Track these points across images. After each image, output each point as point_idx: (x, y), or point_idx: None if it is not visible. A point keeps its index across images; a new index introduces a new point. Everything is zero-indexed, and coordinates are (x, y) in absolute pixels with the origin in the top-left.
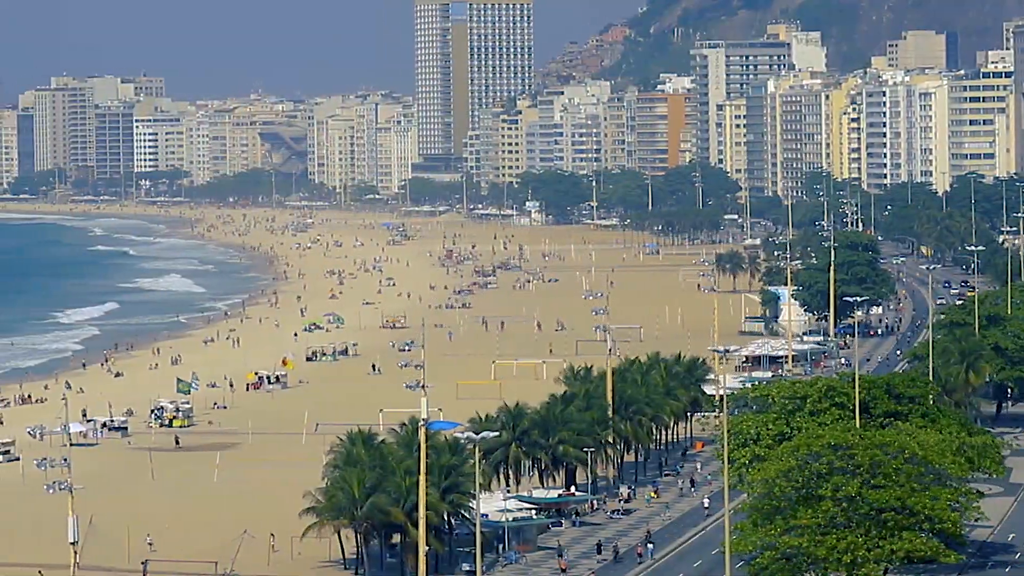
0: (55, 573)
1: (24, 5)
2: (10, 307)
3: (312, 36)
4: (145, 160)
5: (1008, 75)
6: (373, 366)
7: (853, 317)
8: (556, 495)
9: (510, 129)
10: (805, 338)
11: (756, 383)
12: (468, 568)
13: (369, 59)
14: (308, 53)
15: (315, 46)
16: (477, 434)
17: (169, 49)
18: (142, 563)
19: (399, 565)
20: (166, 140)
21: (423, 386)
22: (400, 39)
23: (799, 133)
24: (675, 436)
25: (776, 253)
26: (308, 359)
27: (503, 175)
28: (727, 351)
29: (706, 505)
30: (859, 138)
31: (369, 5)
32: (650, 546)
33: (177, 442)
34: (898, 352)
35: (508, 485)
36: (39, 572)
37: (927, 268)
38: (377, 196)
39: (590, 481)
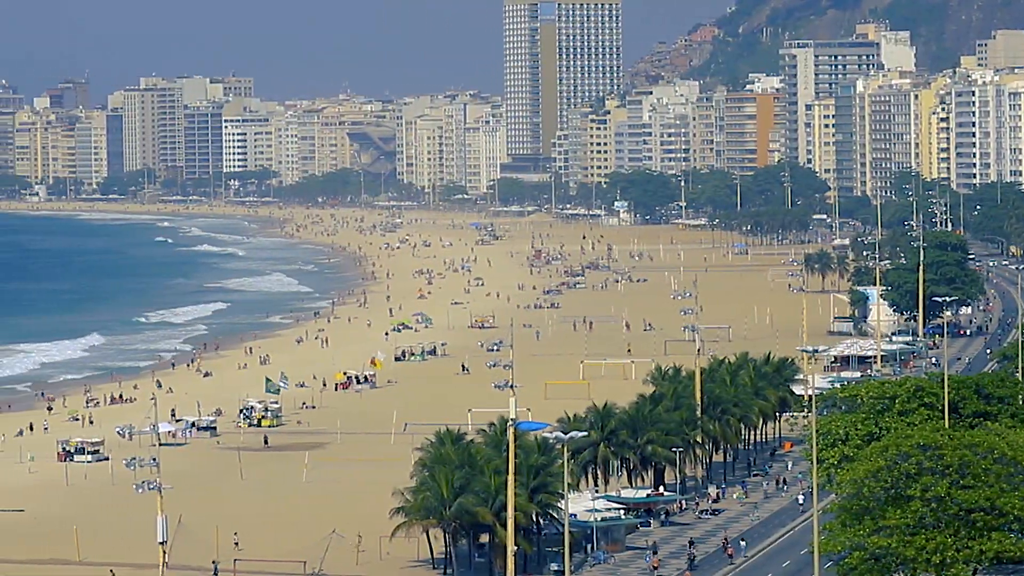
0: (144, 573)
1: (113, 6)
2: (114, 306)
3: (401, 36)
4: (234, 160)
5: None
6: (462, 366)
7: (942, 317)
8: (644, 495)
9: (599, 129)
10: (894, 338)
11: (845, 383)
12: (556, 568)
13: (458, 59)
14: (397, 53)
15: (404, 46)
16: (565, 434)
17: (258, 49)
18: (212, 562)
19: (487, 565)
20: (255, 140)
21: (512, 386)
22: (489, 39)
23: (888, 133)
24: (763, 436)
25: (865, 253)
26: (397, 359)
27: (591, 175)
28: (816, 351)
29: (800, 501)
30: (948, 138)
31: (458, 5)
32: (743, 543)
33: (266, 442)
34: (987, 352)
35: (596, 485)
36: (111, 571)
37: (1016, 268)
38: (466, 196)
39: (678, 481)
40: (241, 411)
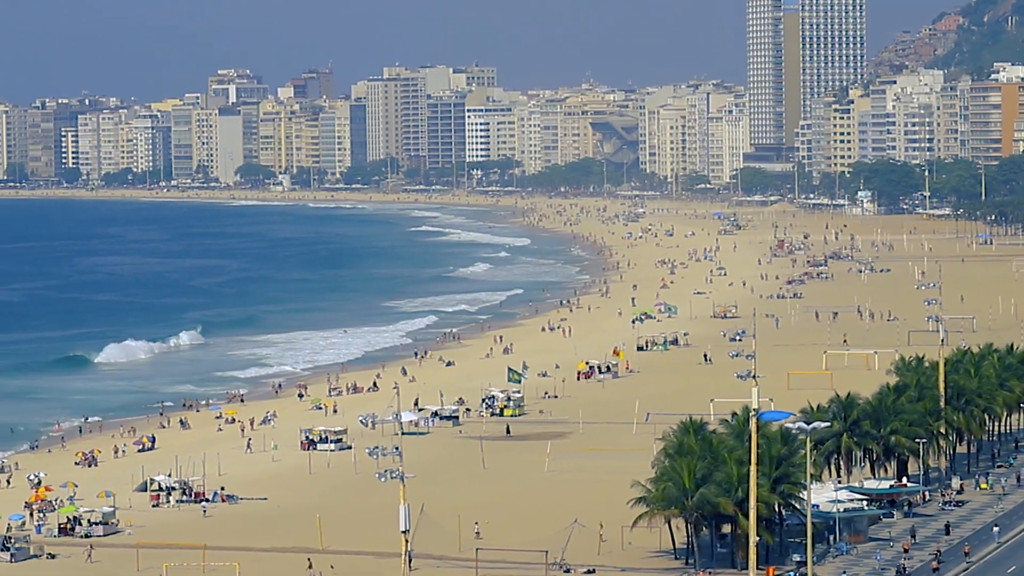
0: (387, 561)
1: None
2: (360, 295)
3: (644, 26)
4: (477, 150)
5: None
6: (704, 356)
7: None
8: (887, 486)
9: (842, 119)
10: None
11: None
12: (798, 559)
13: (701, 48)
14: (640, 42)
15: (646, 35)
16: (808, 424)
17: (502, 39)
18: (408, 549)
19: (729, 556)
20: (498, 130)
21: (754, 376)
22: (732, 28)
23: None
24: (1008, 427)
25: None
26: (639, 348)
27: (835, 165)
28: None
29: None
30: None
31: None
32: (995, 529)
33: (508, 431)
34: None
35: (839, 475)
36: (308, 559)
37: None
38: (708, 186)
39: (922, 472)
40: (484, 400)
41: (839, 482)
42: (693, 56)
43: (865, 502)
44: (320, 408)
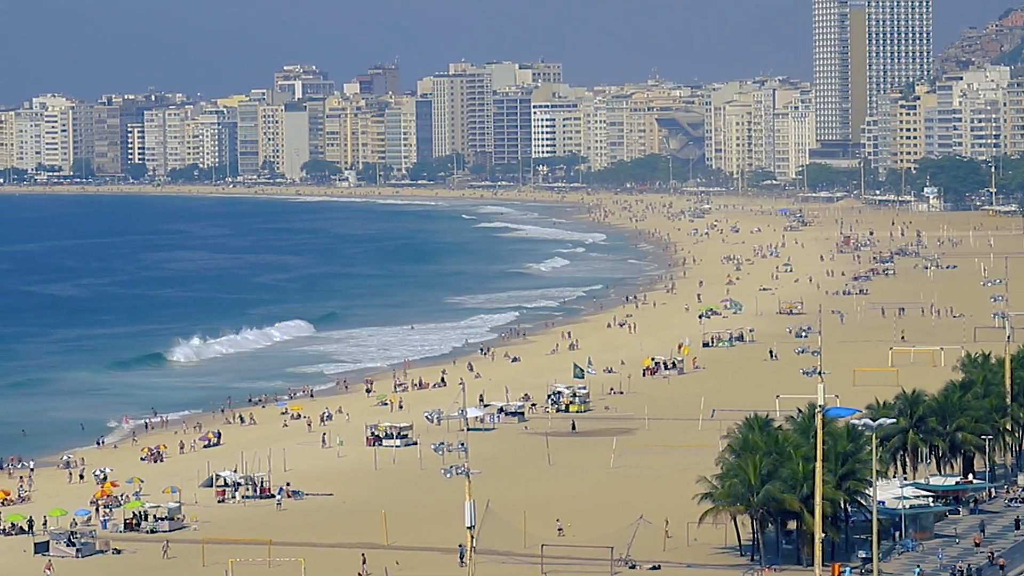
0: (451, 557)
1: None
2: (425, 291)
3: (710, 22)
4: (542, 146)
5: None
6: (770, 352)
7: None
8: (953, 482)
9: (908, 115)
10: None
11: None
12: (864, 555)
13: (766, 44)
14: (706, 39)
15: (712, 32)
16: (874, 421)
17: (567, 34)
18: (459, 546)
19: (794, 552)
20: (563, 126)
21: (820, 372)
22: (797, 24)
23: None
24: None
25: None
26: (705, 345)
27: (901, 161)
28: None
29: None
30: None
31: None
32: None
33: (574, 427)
34: None
35: (905, 472)
36: (362, 554)
37: None
38: (774, 182)
39: (988, 469)
40: (549, 396)
41: (905, 479)
42: (759, 52)
43: (931, 499)
44: (386, 404)
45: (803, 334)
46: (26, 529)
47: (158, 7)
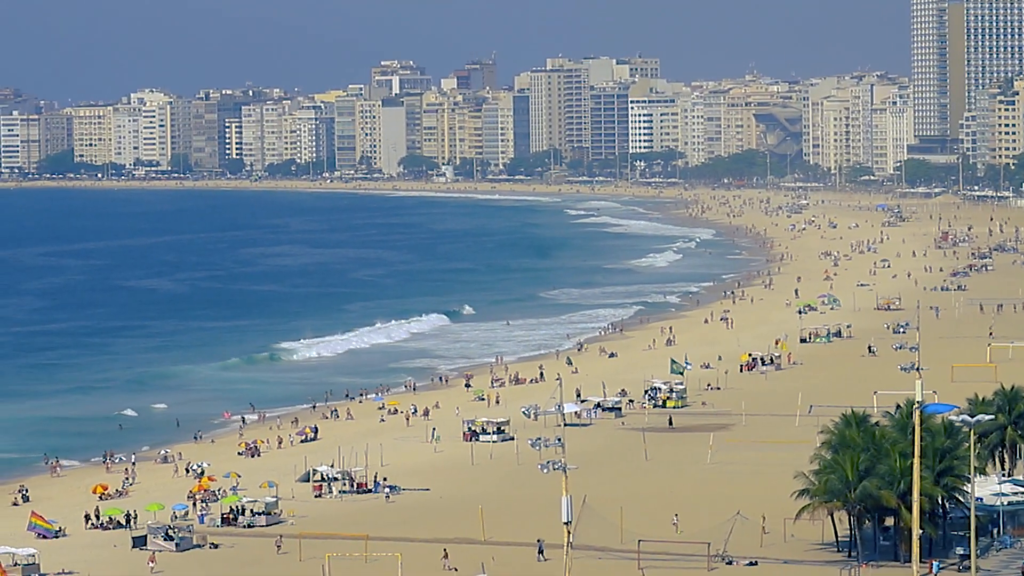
0: (547, 552)
1: None
2: (521, 288)
3: (807, 17)
4: (640, 141)
5: None
6: (868, 347)
7: None
8: None
9: (1007, 110)
10: None
11: None
12: (962, 552)
13: (864, 40)
14: (803, 34)
15: (810, 27)
16: (972, 417)
17: (665, 30)
18: (537, 541)
19: (892, 548)
20: (661, 121)
21: (918, 368)
22: (896, 20)
23: None
24: None
25: None
26: (802, 340)
27: (999, 156)
28: None
29: None
30: None
31: None
32: None
33: (671, 423)
34: None
35: (1003, 469)
36: (444, 549)
37: None
38: (872, 177)
39: None
40: (646, 392)
41: (1003, 475)
42: (856, 47)
43: None
44: (482, 399)
45: (901, 330)
46: (123, 523)
47: (256, 2)
